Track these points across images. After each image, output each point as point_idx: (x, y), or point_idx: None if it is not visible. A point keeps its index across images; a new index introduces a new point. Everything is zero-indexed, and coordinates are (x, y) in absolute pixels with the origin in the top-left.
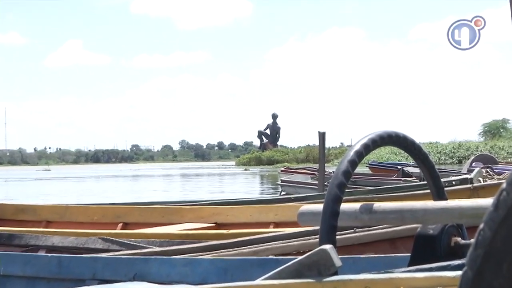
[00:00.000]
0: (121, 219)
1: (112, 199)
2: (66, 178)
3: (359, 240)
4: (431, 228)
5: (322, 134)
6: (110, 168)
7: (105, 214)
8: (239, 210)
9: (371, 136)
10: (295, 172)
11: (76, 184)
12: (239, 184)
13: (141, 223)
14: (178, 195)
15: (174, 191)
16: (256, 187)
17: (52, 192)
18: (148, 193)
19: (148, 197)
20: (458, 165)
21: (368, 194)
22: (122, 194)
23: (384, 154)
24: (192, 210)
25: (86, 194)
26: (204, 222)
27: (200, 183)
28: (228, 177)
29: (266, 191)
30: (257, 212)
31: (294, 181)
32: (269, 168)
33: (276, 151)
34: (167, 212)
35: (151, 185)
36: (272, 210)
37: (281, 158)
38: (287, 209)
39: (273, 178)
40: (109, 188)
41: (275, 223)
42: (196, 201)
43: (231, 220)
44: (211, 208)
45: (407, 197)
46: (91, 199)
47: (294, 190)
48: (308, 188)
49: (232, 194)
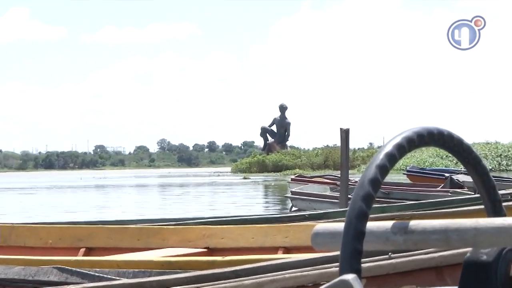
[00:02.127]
0: (83, 243)
1: (71, 217)
2: (9, 189)
3: (395, 269)
4: (484, 253)
5: (345, 131)
6: (67, 176)
7: (62, 236)
8: (237, 231)
9: (406, 134)
10: (310, 181)
11: (22, 197)
12: (236, 197)
13: (109, 248)
14: (158, 212)
15: (152, 206)
16: (259, 201)
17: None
18: (118, 208)
19: (118, 214)
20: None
21: (405, 210)
22: (84, 210)
23: (427, 157)
24: (176, 231)
25: (36, 211)
26: (193, 246)
27: (185, 196)
28: (222, 188)
29: (272, 206)
30: (261, 233)
31: (308, 193)
32: (276, 176)
33: (285, 154)
34: (143, 234)
35: (121, 199)
36: (281, 231)
37: (292, 163)
38: (300, 229)
39: (281, 190)
40: (66, 203)
41: (284, 248)
42: (182, 219)
43: (227, 244)
44: (201, 229)
45: (457, 214)
46: (43, 217)
47: (308, 205)
48: (327, 203)
49: (228, 211)
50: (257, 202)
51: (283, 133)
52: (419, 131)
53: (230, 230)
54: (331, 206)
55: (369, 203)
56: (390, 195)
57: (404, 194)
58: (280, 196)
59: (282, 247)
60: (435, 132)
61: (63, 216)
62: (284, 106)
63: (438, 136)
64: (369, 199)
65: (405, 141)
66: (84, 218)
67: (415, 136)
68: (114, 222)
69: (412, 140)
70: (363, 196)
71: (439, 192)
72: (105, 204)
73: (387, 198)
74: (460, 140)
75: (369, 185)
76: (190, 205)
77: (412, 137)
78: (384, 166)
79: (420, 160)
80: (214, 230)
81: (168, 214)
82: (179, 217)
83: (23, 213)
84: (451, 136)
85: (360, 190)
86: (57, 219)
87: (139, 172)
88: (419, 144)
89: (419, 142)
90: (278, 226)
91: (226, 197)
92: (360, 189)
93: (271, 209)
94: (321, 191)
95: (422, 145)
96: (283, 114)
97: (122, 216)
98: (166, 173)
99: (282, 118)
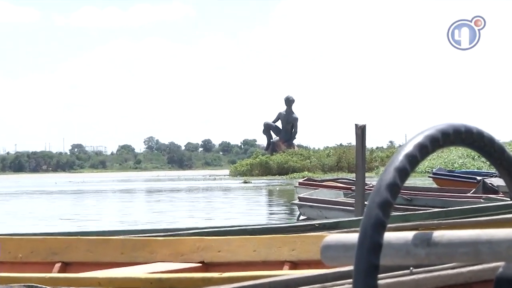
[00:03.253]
0: (58, 257)
1: (45, 227)
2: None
3: (417, 286)
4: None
5: (361, 128)
6: (40, 180)
7: (35, 249)
8: (237, 243)
9: (429, 132)
10: (321, 185)
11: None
12: (235, 204)
13: (89, 263)
14: (145, 221)
15: (138, 215)
16: (261, 209)
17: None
18: (98, 217)
19: (99, 224)
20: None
21: (430, 219)
22: (60, 219)
23: (456, 158)
24: (167, 243)
25: (3, 221)
26: (185, 260)
27: (177, 203)
28: (219, 193)
29: (276, 215)
30: (264, 246)
31: (318, 200)
32: (281, 179)
33: (292, 154)
34: (128, 246)
35: (103, 206)
36: (287, 243)
37: (299, 164)
38: (309, 241)
39: (288, 195)
40: (39, 211)
41: (291, 262)
42: (173, 229)
43: (225, 258)
44: (195, 240)
45: (490, 223)
46: (12, 227)
47: (318, 213)
48: (340, 210)
49: (226, 220)
50: (259, 210)
51: (290, 130)
52: (444, 129)
53: (228, 242)
54: (345, 215)
55: (387, 211)
56: (412, 202)
57: (429, 201)
58: (286, 203)
59: (288, 261)
60: (462, 129)
61: (35, 226)
62: (291, 98)
63: (466, 134)
64: (387, 206)
65: (428, 140)
66: (59, 228)
67: (440, 134)
68: (95, 233)
69: (436, 139)
70: (380, 202)
71: (469, 198)
72: (84, 213)
73: (409, 205)
74: (491, 139)
75: (386, 190)
76: (182, 214)
77: (435, 135)
78: (403, 168)
79: (448, 161)
80: (210, 242)
81: (157, 223)
82: (169, 227)
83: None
84: (481, 134)
85: (376, 196)
86: (29, 230)
87: (123, 175)
88: (444, 143)
89: (444, 141)
90: (284, 237)
91: (224, 204)
92: (376, 194)
93: (276, 218)
94: (334, 197)
95: (448, 145)
96: (289, 108)
97: (103, 226)
98: (154, 176)
99: (289, 113)
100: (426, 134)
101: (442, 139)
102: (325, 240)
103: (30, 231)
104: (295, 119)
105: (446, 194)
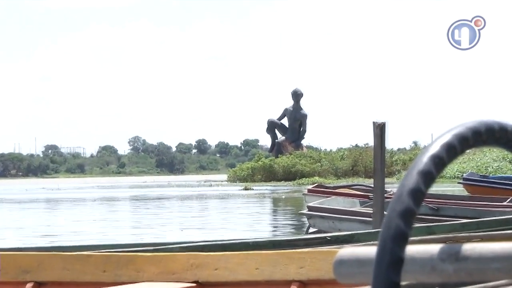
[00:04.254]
0: (30, 276)
1: (14, 241)
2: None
3: None
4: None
5: (380, 126)
6: (8, 186)
7: (3, 267)
8: (236, 259)
9: (457, 130)
10: (333, 193)
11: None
12: (235, 215)
13: (65, 283)
14: (130, 233)
15: (122, 227)
16: (264, 220)
17: None
18: (77, 230)
19: (77, 237)
20: None
21: (460, 231)
22: (32, 232)
23: (491, 161)
24: (155, 259)
25: None
26: (177, 280)
27: (167, 213)
28: (216, 203)
29: (282, 227)
30: (268, 263)
31: (331, 209)
32: (288, 185)
33: (300, 157)
34: (111, 263)
35: (81, 217)
36: (294, 259)
37: (309, 168)
38: (320, 257)
39: (295, 204)
40: (7, 222)
41: (299, 281)
42: (163, 244)
43: (223, 276)
44: (189, 256)
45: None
46: None
47: (331, 224)
48: (356, 222)
49: (224, 234)
50: (262, 222)
51: (298, 128)
52: (474, 127)
53: (226, 258)
54: (361, 227)
55: (409, 221)
56: (439, 212)
57: (458, 210)
58: (294, 213)
59: (296, 280)
60: (496, 127)
61: (3, 241)
62: (299, 92)
63: (500, 132)
64: (410, 215)
65: (456, 139)
66: (31, 243)
67: (470, 133)
68: (72, 248)
69: (465, 138)
70: (401, 211)
71: (505, 208)
72: (59, 224)
73: (435, 215)
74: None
75: (409, 197)
76: (173, 226)
77: (465, 134)
78: (428, 172)
79: (481, 165)
80: (206, 259)
81: (144, 237)
82: (158, 241)
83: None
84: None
85: (397, 203)
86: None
87: (105, 181)
88: (475, 143)
89: (475, 141)
90: (291, 252)
91: (222, 215)
92: (397, 202)
93: (282, 231)
94: (348, 207)
95: (479, 145)
96: (297, 103)
97: (82, 240)
98: (141, 182)
99: (296, 109)
100: (454, 132)
101: (473, 139)
102: (338, 254)
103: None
104: (304, 116)
105: (479, 203)
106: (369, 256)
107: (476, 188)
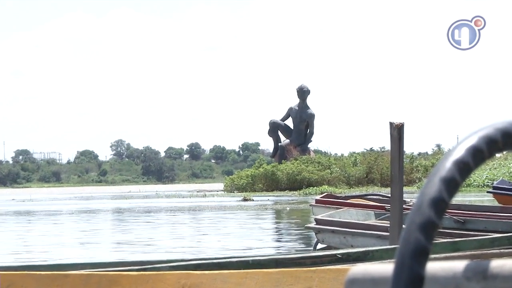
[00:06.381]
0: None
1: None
2: None
3: None
4: None
5: (398, 128)
6: None
7: None
8: (235, 279)
9: (485, 132)
10: (345, 204)
11: None
12: (232, 228)
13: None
14: (113, 251)
15: (104, 242)
16: (266, 234)
17: None
18: (52, 246)
19: (54, 254)
20: None
21: (489, 247)
22: (0, 249)
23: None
24: (142, 279)
25: None
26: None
27: (155, 227)
28: (210, 215)
29: (286, 242)
30: (271, 282)
31: (342, 223)
32: (293, 195)
33: (307, 162)
34: (92, 283)
35: (58, 232)
36: (301, 278)
37: (317, 176)
38: (330, 276)
39: (302, 217)
40: None
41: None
42: (150, 262)
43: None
44: (180, 275)
45: None
46: None
47: (342, 239)
48: (370, 236)
49: (220, 252)
50: (263, 236)
51: (304, 130)
52: (504, 128)
53: (223, 277)
54: (377, 242)
55: (431, 234)
56: (466, 225)
57: (488, 223)
58: (300, 226)
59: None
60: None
61: None
62: (305, 89)
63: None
64: (431, 227)
65: (483, 142)
66: (0, 261)
67: (499, 134)
68: (47, 266)
69: (493, 140)
70: (421, 223)
71: None
72: (32, 241)
73: (461, 228)
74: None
75: (430, 207)
76: (161, 242)
77: (494, 136)
78: (452, 179)
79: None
80: (200, 278)
81: (129, 255)
82: (145, 259)
83: None
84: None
85: (417, 214)
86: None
87: (84, 191)
88: (505, 146)
89: (505, 143)
90: (297, 271)
91: (217, 229)
92: (417, 213)
93: (286, 247)
94: (362, 219)
95: (510, 148)
96: (303, 102)
97: (58, 257)
98: (125, 192)
99: (302, 108)
100: (481, 134)
101: (502, 141)
102: (350, 273)
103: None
104: (311, 116)
105: (511, 215)
106: (385, 274)
107: (508, 198)
